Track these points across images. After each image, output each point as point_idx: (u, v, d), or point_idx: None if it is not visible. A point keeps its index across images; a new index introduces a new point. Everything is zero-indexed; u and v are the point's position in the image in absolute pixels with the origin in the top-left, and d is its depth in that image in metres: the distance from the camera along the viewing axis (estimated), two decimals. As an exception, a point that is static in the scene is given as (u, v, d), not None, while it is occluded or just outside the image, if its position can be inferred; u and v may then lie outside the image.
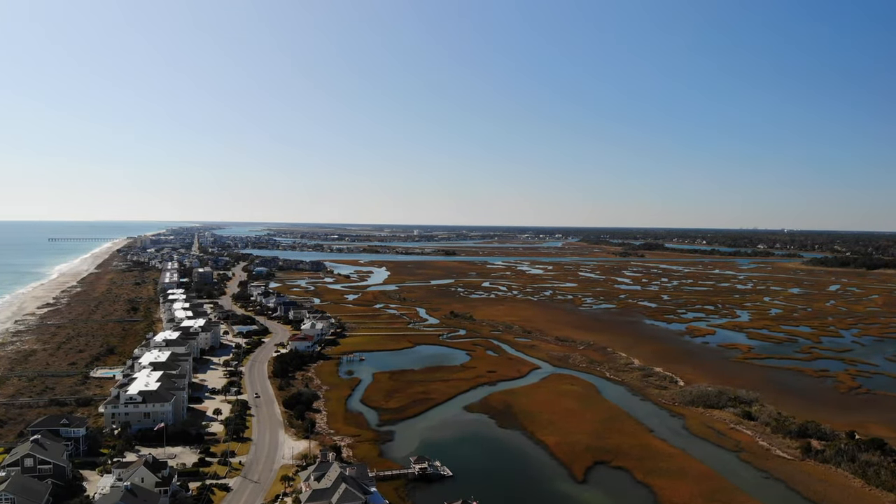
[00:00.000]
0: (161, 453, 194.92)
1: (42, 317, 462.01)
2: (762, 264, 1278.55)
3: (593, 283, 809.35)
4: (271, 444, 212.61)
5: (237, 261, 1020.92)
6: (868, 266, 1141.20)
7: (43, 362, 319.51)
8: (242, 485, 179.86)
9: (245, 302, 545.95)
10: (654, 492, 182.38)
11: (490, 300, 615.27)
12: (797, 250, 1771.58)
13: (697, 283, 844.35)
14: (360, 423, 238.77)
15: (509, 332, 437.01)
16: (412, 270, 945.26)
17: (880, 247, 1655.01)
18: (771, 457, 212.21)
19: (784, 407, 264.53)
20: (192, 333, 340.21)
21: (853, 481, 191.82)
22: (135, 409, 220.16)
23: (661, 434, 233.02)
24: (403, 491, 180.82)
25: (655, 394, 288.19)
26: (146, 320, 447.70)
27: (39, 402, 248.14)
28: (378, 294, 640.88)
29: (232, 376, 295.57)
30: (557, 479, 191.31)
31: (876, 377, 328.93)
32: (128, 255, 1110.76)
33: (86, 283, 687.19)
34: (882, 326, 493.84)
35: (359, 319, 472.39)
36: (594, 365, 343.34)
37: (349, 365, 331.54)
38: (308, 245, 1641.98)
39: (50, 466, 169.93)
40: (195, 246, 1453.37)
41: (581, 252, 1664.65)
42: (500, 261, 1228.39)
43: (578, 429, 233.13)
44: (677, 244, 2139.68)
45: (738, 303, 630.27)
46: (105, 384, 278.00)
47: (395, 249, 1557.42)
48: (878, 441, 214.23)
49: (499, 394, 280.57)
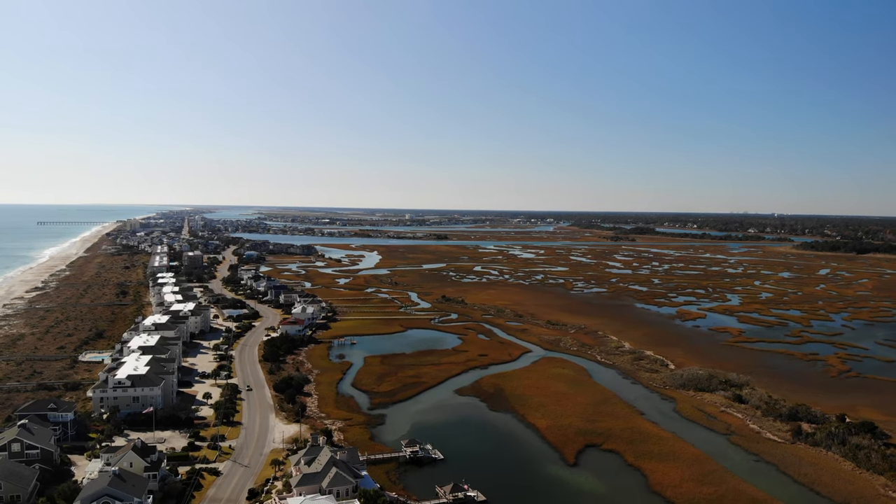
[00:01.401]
0: (150, 438, 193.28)
1: (30, 301, 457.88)
2: (753, 248, 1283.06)
3: (584, 268, 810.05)
4: (262, 428, 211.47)
5: (227, 244, 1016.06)
6: (858, 250, 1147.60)
7: (31, 346, 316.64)
8: (233, 469, 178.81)
9: (235, 286, 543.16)
10: (645, 475, 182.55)
11: (482, 284, 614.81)
12: (787, 234, 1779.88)
13: (688, 266, 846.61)
14: (352, 406, 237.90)
15: (501, 315, 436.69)
16: (404, 254, 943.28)
17: (870, 231, 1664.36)
18: (761, 440, 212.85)
19: (775, 390, 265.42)
20: (182, 317, 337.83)
21: (844, 464, 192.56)
22: (123, 393, 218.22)
23: (652, 417, 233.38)
24: (395, 474, 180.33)
25: (646, 377, 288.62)
26: (135, 304, 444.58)
27: (27, 387, 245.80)
28: (369, 278, 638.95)
29: (222, 360, 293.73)
30: (548, 462, 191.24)
31: (866, 361, 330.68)
32: (117, 238, 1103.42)
33: (75, 267, 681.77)
34: (872, 310, 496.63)
35: (350, 303, 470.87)
36: (585, 348, 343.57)
37: (340, 349, 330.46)
38: (299, 229, 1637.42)
39: (37, 451, 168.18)
40: (185, 229, 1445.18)
41: (572, 236, 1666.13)
42: (491, 245, 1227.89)
43: (569, 412, 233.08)
44: (668, 228, 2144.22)
45: (729, 286, 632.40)
46: (94, 368, 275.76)
47: (387, 233, 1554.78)
48: (869, 424, 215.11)
49: (490, 377, 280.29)
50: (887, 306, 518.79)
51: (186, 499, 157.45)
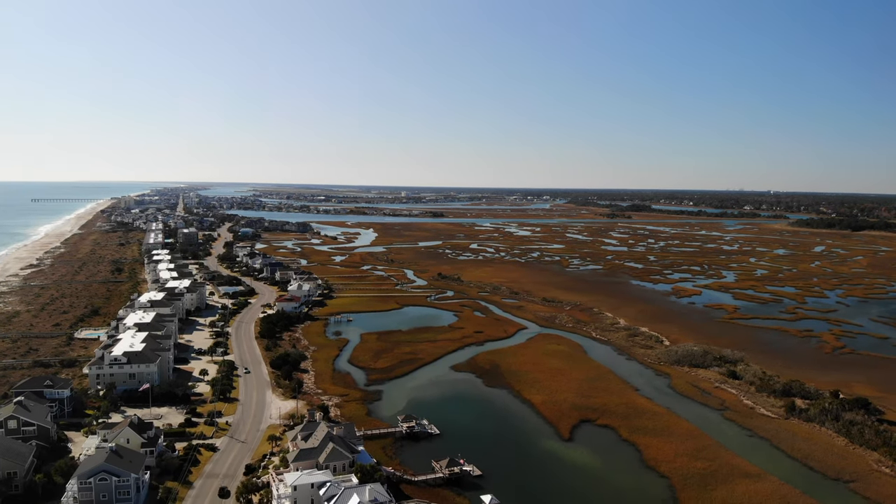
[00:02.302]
0: (147, 414, 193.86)
1: (25, 278, 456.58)
2: (748, 225, 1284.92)
3: (580, 245, 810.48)
4: (258, 404, 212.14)
5: (222, 221, 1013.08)
6: (853, 227, 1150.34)
7: (26, 323, 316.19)
8: (229, 444, 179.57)
9: (231, 263, 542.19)
10: (640, 449, 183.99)
11: (478, 262, 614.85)
12: (783, 212, 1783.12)
13: (684, 244, 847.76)
14: (348, 382, 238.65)
15: (497, 293, 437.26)
16: (399, 232, 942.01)
17: (865, 208, 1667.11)
18: (755, 415, 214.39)
19: (769, 366, 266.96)
20: (178, 294, 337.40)
21: (837, 440, 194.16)
22: (120, 370, 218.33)
23: (647, 393, 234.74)
24: (391, 449, 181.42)
25: (641, 353, 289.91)
26: (131, 281, 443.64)
27: (23, 364, 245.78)
28: (365, 255, 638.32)
29: (218, 337, 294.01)
30: (544, 437, 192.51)
31: (860, 337, 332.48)
32: (112, 215, 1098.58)
33: (69, 244, 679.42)
34: (866, 287, 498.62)
35: (346, 281, 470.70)
36: (580, 325, 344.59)
37: (337, 326, 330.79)
38: (294, 206, 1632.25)
39: (34, 428, 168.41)
40: (180, 206, 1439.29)
41: (569, 214, 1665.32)
42: (487, 222, 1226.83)
43: (564, 388, 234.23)
44: (664, 205, 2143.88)
45: (724, 263, 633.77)
46: (90, 345, 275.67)
47: (383, 211, 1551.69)
48: (862, 400, 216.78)
49: (486, 354, 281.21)
50: (882, 283, 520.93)
51: (184, 474, 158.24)
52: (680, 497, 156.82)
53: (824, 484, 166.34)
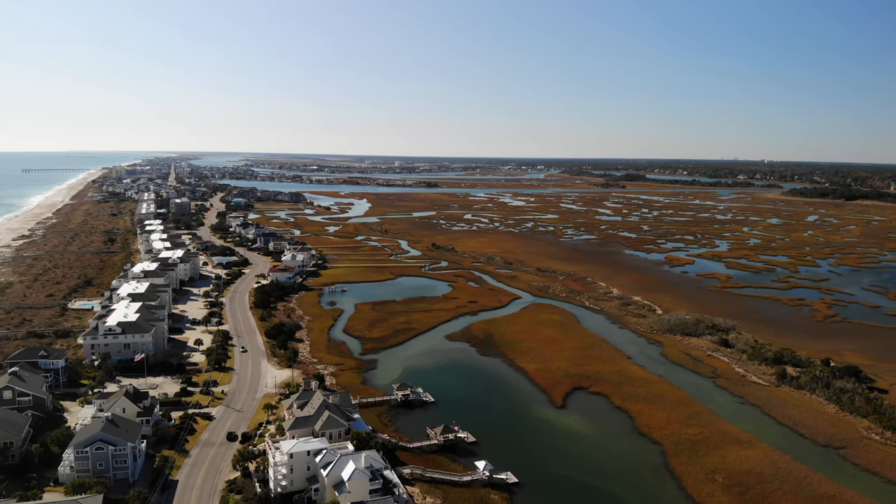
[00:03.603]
0: (142, 384, 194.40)
1: (18, 249, 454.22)
2: (742, 195, 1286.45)
3: (575, 215, 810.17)
4: (254, 373, 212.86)
5: (215, 191, 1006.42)
6: (846, 197, 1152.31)
7: (20, 294, 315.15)
8: (226, 413, 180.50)
9: (224, 233, 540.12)
10: (632, 416, 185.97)
11: (472, 232, 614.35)
12: (777, 181, 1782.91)
13: (678, 213, 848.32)
14: (344, 352, 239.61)
15: (491, 263, 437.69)
16: (393, 202, 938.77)
17: (859, 178, 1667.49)
18: (747, 383, 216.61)
19: (761, 335, 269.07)
20: (171, 265, 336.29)
21: (827, 407, 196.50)
22: (114, 340, 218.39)
23: (639, 361, 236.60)
24: (387, 417, 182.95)
25: (634, 322, 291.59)
26: (124, 251, 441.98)
27: (17, 335, 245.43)
28: (359, 226, 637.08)
29: (212, 307, 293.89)
30: (537, 404, 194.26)
31: (852, 306, 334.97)
32: (103, 185, 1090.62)
33: (61, 215, 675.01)
34: (859, 256, 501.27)
35: (340, 251, 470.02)
36: (574, 294, 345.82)
37: (331, 296, 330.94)
38: (286, 176, 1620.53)
39: (29, 398, 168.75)
40: (172, 176, 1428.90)
41: (563, 184, 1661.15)
42: (482, 193, 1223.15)
43: (558, 356, 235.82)
44: (659, 175, 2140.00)
45: (718, 233, 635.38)
46: (83, 316, 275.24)
47: (376, 181, 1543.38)
48: (853, 368, 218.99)
49: (480, 323, 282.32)
50: (874, 252, 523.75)
51: (180, 443, 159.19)
52: (671, 463, 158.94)
53: (814, 450, 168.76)
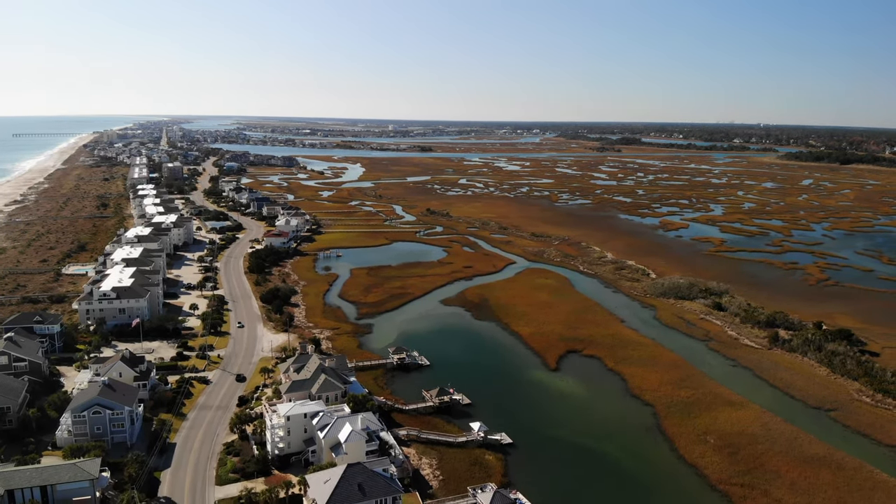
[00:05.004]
0: (138, 348, 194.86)
1: (10, 214, 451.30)
2: (737, 159, 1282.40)
3: (570, 179, 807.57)
4: (250, 337, 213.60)
5: (207, 156, 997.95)
6: (842, 161, 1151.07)
7: (13, 260, 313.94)
8: (222, 377, 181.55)
9: (217, 198, 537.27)
10: (625, 379, 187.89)
11: (467, 197, 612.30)
12: (772, 145, 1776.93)
13: (673, 177, 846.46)
14: (339, 316, 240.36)
15: (486, 228, 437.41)
16: (387, 167, 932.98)
17: (854, 142, 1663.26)
18: (739, 346, 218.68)
19: (754, 298, 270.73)
20: (165, 229, 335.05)
21: (819, 370, 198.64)
22: (109, 304, 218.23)
23: (633, 324, 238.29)
24: (382, 380, 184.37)
25: (628, 286, 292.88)
26: (116, 216, 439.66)
27: (11, 300, 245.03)
28: (353, 191, 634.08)
29: (207, 272, 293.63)
30: (531, 367, 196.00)
31: (845, 270, 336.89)
32: (95, 150, 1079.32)
33: (53, 180, 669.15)
34: (853, 220, 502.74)
35: (334, 216, 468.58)
36: (568, 259, 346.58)
37: (326, 261, 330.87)
38: (279, 140, 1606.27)
39: (25, 363, 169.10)
40: (164, 140, 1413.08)
41: (558, 148, 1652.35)
42: (476, 157, 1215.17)
43: (552, 320, 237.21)
44: (654, 139, 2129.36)
45: (713, 197, 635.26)
46: (78, 281, 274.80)
47: (370, 145, 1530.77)
48: (845, 331, 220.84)
49: (475, 288, 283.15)
50: (868, 217, 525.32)
51: (177, 407, 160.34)
52: (664, 424, 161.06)
53: (805, 412, 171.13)
